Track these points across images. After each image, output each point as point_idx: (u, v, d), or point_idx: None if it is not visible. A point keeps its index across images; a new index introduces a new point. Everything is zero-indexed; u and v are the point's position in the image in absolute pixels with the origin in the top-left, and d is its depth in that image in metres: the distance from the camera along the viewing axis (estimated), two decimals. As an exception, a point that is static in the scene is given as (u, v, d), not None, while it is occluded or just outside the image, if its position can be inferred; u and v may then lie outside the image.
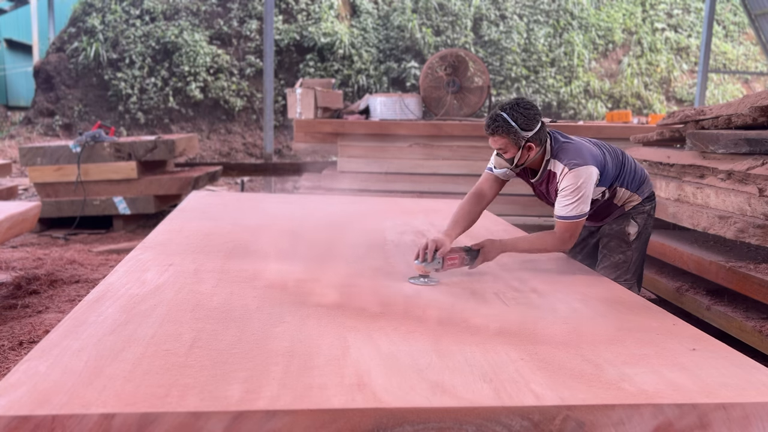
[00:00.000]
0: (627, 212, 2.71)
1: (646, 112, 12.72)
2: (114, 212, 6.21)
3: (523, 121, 2.36)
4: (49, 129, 11.67)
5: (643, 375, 1.45)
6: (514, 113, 2.36)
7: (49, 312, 3.52)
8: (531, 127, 2.38)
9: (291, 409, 1.21)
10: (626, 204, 2.70)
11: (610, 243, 2.74)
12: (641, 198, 2.71)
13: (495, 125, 2.37)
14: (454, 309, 1.90)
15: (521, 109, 2.37)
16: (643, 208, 2.73)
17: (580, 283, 2.31)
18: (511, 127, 2.35)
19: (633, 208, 2.71)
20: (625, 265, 2.72)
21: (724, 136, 3.44)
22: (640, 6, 14.32)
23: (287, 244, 2.68)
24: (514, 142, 2.38)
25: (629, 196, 2.68)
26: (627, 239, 2.71)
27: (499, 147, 2.42)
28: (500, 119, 2.36)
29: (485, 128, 2.43)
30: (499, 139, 2.40)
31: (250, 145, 11.77)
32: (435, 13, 12.95)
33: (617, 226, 2.72)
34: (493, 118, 2.38)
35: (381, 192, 5.73)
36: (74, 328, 1.57)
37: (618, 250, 2.72)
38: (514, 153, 2.41)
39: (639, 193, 2.70)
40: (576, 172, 2.39)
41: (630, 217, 2.71)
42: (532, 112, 2.39)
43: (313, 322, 1.71)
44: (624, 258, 2.72)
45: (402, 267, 2.38)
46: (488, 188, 2.59)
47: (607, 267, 2.73)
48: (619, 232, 2.72)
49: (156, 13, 12.46)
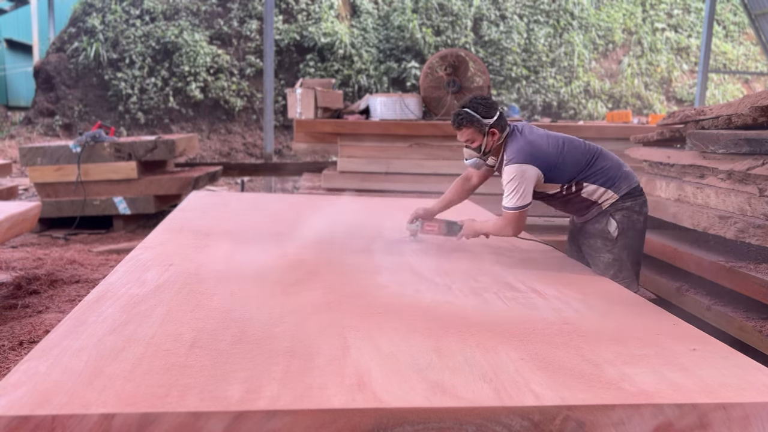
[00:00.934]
0: (605, 210, 2.76)
1: (646, 112, 12.72)
2: (114, 212, 6.21)
3: (483, 110, 2.67)
4: (49, 129, 11.67)
5: (643, 375, 1.44)
6: (473, 105, 2.69)
7: (49, 312, 3.52)
8: (491, 115, 2.68)
9: (291, 409, 1.21)
10: (603, 201, 2.75)
11: (596, 243, 2.81)
12: (618, 195, 2.74)
13: (459, 118, 2.69)
14: (454, 309, 1.90)
15: (479, 100, 2.70)
16: (622, 205, 2.75)
17: (580, 282, 2.31)
18: (473, 117, 2.66)
19: (611, 206, 2.76)
20: (616, 263, 2.76)
21: (724, 136, 3.44)
22: (640, 6, 14.32)
23: (287, 244, 2.68)
24: (479, 130, 2.68)
25: (602, 192, 2.74)
26: (609, 237, 2.76)
27: (467, 138, 2.72)
28: (463, 113, 2.69)
29: (452, 125, 2.74)
30: (465, 131, 2.71)
31: (250, 145, 11.77)
32: (435, 13, 12.95)
33: (598, 224, 2.79)
34: (456, 114, 2.71)
35: (381, 192, 5.73)
36: (74, 328, 1.57)
37: (604, 249, 2.78)
38: (481, 141, 2.70)
39: (614, 190, 2.74)
40: (510, 168, 2.64)
41: (608, 215, 2.76)
42: (489, 101, 2.72)
43: (313, 322, 1.71)
44: (613, 257, 2.76)
45: (403, 267, 2.38)
46: (474, 174, 2.97)
47: (599, 267, 2.78)
48: (600, 230, 2.78)
49: (156, 13, 12.46)
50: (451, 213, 3.02)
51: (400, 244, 2.83)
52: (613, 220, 2.75)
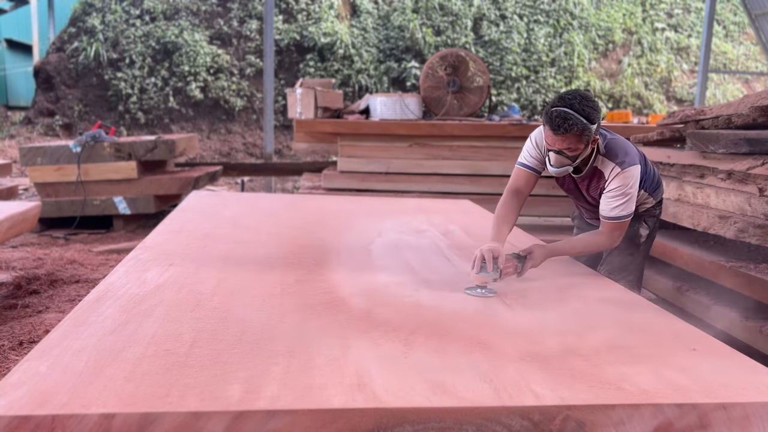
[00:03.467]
0: (639, 214, 2.67)
1: (646, 112, 12.72)
2: (114, 212, 6.21)
3: (593, 115, 2.18)
4: (49, 129, 11.67)
5: (643, 375, 1.44)
6: (584, 108, 2.16)
7: (49, 312, 3.52)
8: (597, 118, 2.20)
9: (291, 409, 1.21)
10: (640, 206, 2.64)
11: (620, 244, 2.66)
12: (655, 201, 2.70)
13: (568, 124, 2.15)
14: (455, 309, 1.90)
15: (589, 102, 2.18)
16: (654, 212, 2.72)
17: (580, 283, 2.31)
18: (585, 125, 2.16)
19: (645, 211, 2.69)
20: (631, 266, 2.72)
21: (724, 136, 3.44)
22: (640, 6, 14.32)
23: (287, 244, 2.68)
24: (585, 139, 2.20)
25: (645, 198, 2.64)
26: (637, 241, 2.70)
27: (568, 146, 2.21)
28: (572, 117, 2.15)
29: (553, 128, 2.18)
30: (570, 138, 2.18)
31: (250, 145, 11.76)
32: (435, 13, 12.94)
33: (629, 228, 2.60)
34: (562, 117, 2.15)
35: (381, 192, 5.73)
36: (74, 328, 1.57)
37: (626, 252, 2.70)
38: (581, 150, 2.23)
39: (654, 196, 2.68)
40: (627, 173, 2.30)
41: (642, 219, 2.69)
42: (596, 104, 2.22)
43: (313, 322, 1.71)
44: (631, 259, 2.72)
45: (403, 267, 2.38)
46: (524, 184, 2.47)
47: (612, 267, 2.72)
48: (630, 234, 2.63)
49: (156, 13, 12.46)
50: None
51: (400, 243, 2.81)
52: (645, 225, 2.69)
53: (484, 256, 2.11)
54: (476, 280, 2.12)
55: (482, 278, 2.11)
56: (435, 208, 3.87)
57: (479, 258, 2.12)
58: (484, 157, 6.00)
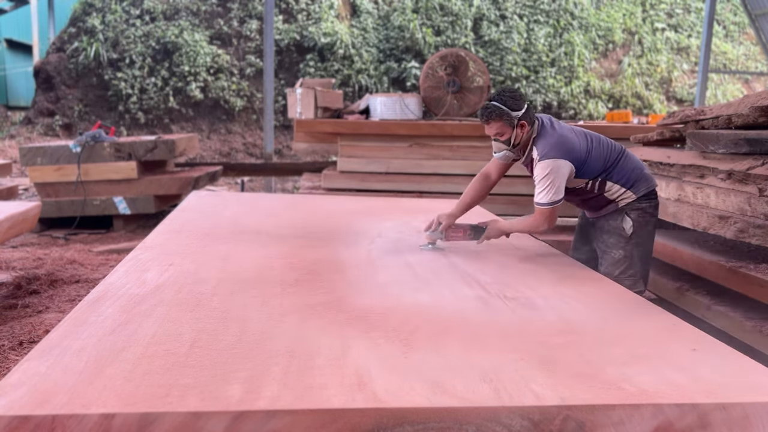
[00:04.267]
0: (621, 208, 2.80)
1: (646, 112, 12.72)
2: (114, 212, 6.21)
3: (511, 102, 2.63)
4: (49, 129, 11.67)
5: (643, 375, 1.44)
6: (502, 98, 2.64)
7: (49, 312, 3.52)
8: (519, 107, 2.64)
9: (291, 409, 1.21)
10: (619, 200, 2.79)
11: (609, 239, 2.83)
12: (636, 195, 2.78)
13: (488, 112, 2.65)
14: (454, 308, 1.90)
15: (507, 93, 2.66)
16: (638, 205, 2.79)
17: (580, 282, 2.31)
18: (502, 110, 2.62)
19: (627, 205, 2.79)
20: (626, 260, 2.79)
21: (724, 136, 3.44)
22: (640, 6, 14.32)
23: (287, 244, 2.68)
24: (508, 123, 2.64)
25: (622, 192, 2.77)
26: (623, 234, 2.79)
27: (496, 132, 2.68)
28: (491, 106, 2.64)
29: (480, 118, 2.69)
30: (494, 124, 2.66)
31: (250, 145, 11.77)
32: (435, 13, 12.95)
33: (613, 221, 2.81)
34: (484, 107, 2.66)
35: (381, 192, 5.73)
36: (74, 328, 1.57)
37: (617, 246, 2.81)
38: (510, 133, 2.67)
39: (633, 191, 2.78)
40: (544, 164, 2.61)
41: (624, 212, 2.80)
42: (517, 94, 2.67)
43: (313, 322, 1.71)
44: (624, 253, 2.79)
45: (403, 267, 2.38)
46: (493, 171, 2.90)
47: (609, 263, 2.81)
48: (615, 227, 2.81)
49: (156, 13, 12.46)
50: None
51: (400, 243, 2.82)
52: (628, 218, 2.78)
53: (437, 219, 2.77)
54: (426, 238, 2.77)
55: (430, 237, 2.75)
56: (435, 208, 3.87)
57: (435, 221, 2.76)
58: (484, 157, 5.99)
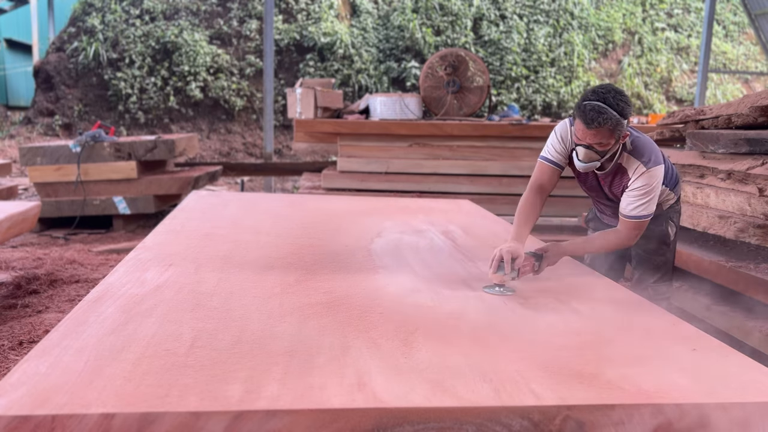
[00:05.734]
0: (664, 212, 2.62)
1: (646, 112, 12.72)
2: (114, 212, 6.21)
3: (627, 110, 2.17)
4: (49, 129, 11.67)
5: (643, 375, 1.44)
6: (618, 102, 2.14)
7: (49, 312, 3.52)
8: (629, 113, 2.19)
9: (291, 409, 1.21)
10: (664, 203, 2.60)
11: (649, 245, 2.64)
12: (676, 197, 2.66)
13: (602, 118, 2.12)
14: (454, 309, 1.90)
15: (622, 97, 2.17)
16: (677, 207, 2.70)
17: (579, 283, 2.31)
18: (616, 120, 2.14)
19: (669, 207, 2.65)
20: (665, 266, 2.70)
21: (724, 136, 3.44)
22: (640, 6, 14.32)
23: (287, 244, 2.68)
24: (617, 134, 2.18)
25: (667, 194, 2.59)
26: (667, 241, 2.67)
27: (599, 141, 2.19)
28: (606, 111, 2.13)
29: (587, 121, 2.15)
30: (602, 132, 2.16)
31: (250, 145, 11.76)
32: (435, 12, 12.94)
33: (656, 227, 2.58)
34: (597, 110, 2.13)
35: (381, 192, 5.73)
36: (74, 328, 1.57)
37: (659, 252, 2.68)
38: (611, 145, 2.21)
39: (675, 192, 2.63)
40: (651, 172, 2.26)
41: (668, 217, 2.65)
42: (629, 99, 2.21)
43: (313, 322, 1.71)
44: (664, 260, 2.70)
45: (403, 266, 2.38)
46: (548, 180, 2.42)
47: (648, 270, 2.69)
48: (659, 234, 2.62)
49: (156, 12, 12.45)
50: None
51: (400, 243, 2.81)
52: (672, 223, 2.66)
53: (503, 256, 2.11)
54: (494, 279, 2.12)
55: (500, 277, 2.11)
56: (435, 208, 3.87)
57: (497, 258, 2.12)
58: (484, 157, 6.01)
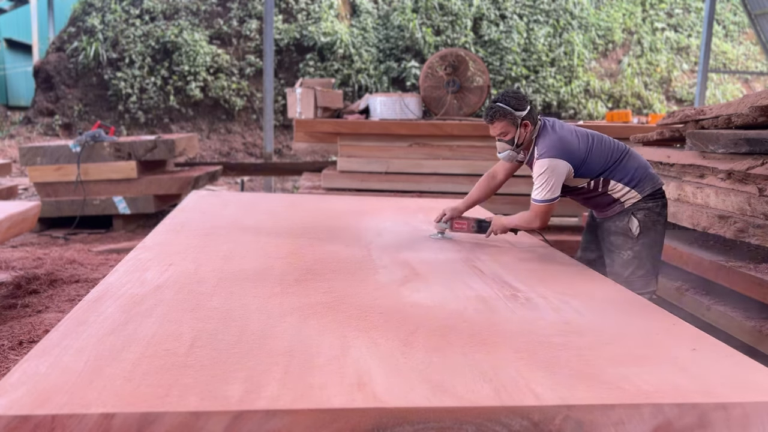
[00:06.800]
0: (627, 209, 2.82)
1: (646, 111, 12.72)
2: (114, 212, 6.21)
3: (515, 102, 2.73)
4: (49, 129, 11.67)
5: (643, 375, 1.44)
6: (506, 99, 2.75)
7: (49, 312, 3.52)
8: (523, 107, 2.74)
9: (291, 408, 1.21)
10: (624, 200, 2.81)
11: (616, 240, 2.85)
12: (641, 195, 2.80)
13: (492, 112, 2.75)
14: (454, 308, 1.90)
15: (510, 94, 2.77)
16: (644, 205, 2.80)
17: (579, 282, 2.31)
18: (506, 110, 2.73)
19: (633, 205, 2.81)
20: (635, 260, 2.80)
21: (724, 135, 3.44)
22: (640, 6, 14.32)
23: (287, 244, 2.68)
24: (512, 122, 2.75)
25: (626, 191, 2.79)
26: (630, 235, 2.81)
27: (500, 132, 2.78)
28: (496, 106, 2.75)
29: (484, 118, 2.80)
30: (498, 124, 2.77)
31: (250, 145, 11.77)
32: (435, 12, 12.94)
33: (619, 222, 2.83)
34: (489, 108, 2.77)
35: (381, 192, 5.73)
36: (74, 328, 1.57)
37: (625, 247, 2.82)
38: (514, 133, 2.77)
39: (638, 190, 2.80)
40: (542, 162, 2.69)
41: (630, 213, 2.81)
42: (520, 94, 2.77)
43: (313, 322, 1.71)
44: (632, 254, 2.81)
45: (403, 266, 2.38)
46: (500, 171, 3.05)
47: (618, 264, 2.83)
48: (622, 228, 2.82)
49: (156, 12, 12.46)
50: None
51: (400, 243, 2.82)
52: (635, 219, 2.79)
53: (444, 211, 2.98)
54: (435, 227, 2.99)
55: (438, 226, 2.98)
56: (435, 208, 3.87)
57: (441, 213, 2.97)
58: (484, 157, 6.00)
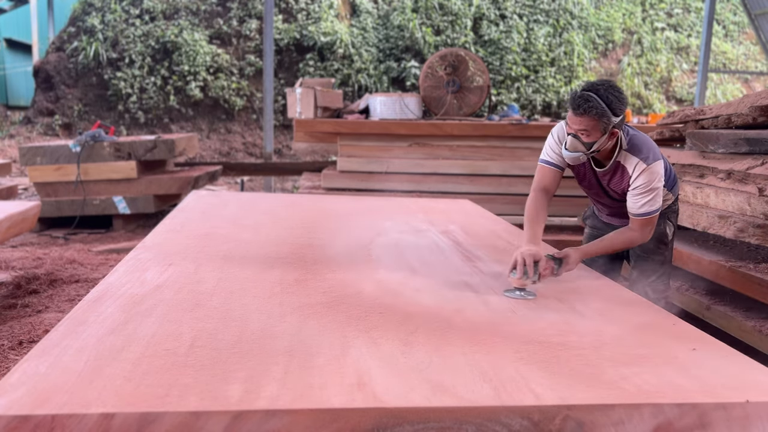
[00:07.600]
0: (663, 212, 2.60)
1: (646, 111, 12.72)
2: (114, 212, 6.21)
3: (616, 104, 2.23)
4: (49, 129, 11.66)
5: (643, 375, 1.44)
6: (608, 95, 2.22)
7: (49, 312, 3.52)
8: (620, 112, 2.25)
9: (291, 408, 1.21)
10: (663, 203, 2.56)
11: (648, 245, 2.62)
12: (674, 197, 2.68)
13: (588, 105, 2.20)
14: (454, 308, 1.90)
15: (614, 91, 2.24)
16: (674, 207, 2.72)
17: (579, 282, 2.31)
18: (604, 111, 2.20)
19: (667, 208, 2.65)
20: (663, 266, 2.71)
21: (724, 135, 3.45)
22: (640, 6, 14.32)
23: (287, 244, 2.68)
24: (602, 126, 2.23)
25: (665, 194, 2.58)
26: (665, 240, 2.69)
27: (583, 128, 2.25)
28: (593, 100, 2.20)
29: (573, 107, 2.24)
30: (586, 120, 2.23)
31: (250, 145, 11.76)
32: (435, 12, 12.94)
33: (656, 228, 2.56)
34: (584, 98, 2.21)
35: (381, 192, 5.73)
36: (74, 328, 1.57)
37: (657, 252, 2.69)
38: (597, 137, 2.26)
39: (672, 192, 2.65)
40: (651, 168, 2.31)
41: (666, 217, 2.66)
42: (623, 96, 2.27)
43: (313, 322, 1.71)
44: (663, 259, 2.71)
45: (403, 266, 2.38)
46: (550, 182, 2.47)
47: (646, 269, 2.70)
48: (658, 233, 2.60)
49: (156, 12, 12.45)
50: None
51: (400, 243, 2.81)
52: (670, 222, 2.67)
53: (525, 260, 2.10)
54: (515, 283, 2.10)
55: (522, 281, 2.10)
56: (435, 207, 3.87)
57: (520, 263, 2.10)
58: (483, 157, 6.00)
